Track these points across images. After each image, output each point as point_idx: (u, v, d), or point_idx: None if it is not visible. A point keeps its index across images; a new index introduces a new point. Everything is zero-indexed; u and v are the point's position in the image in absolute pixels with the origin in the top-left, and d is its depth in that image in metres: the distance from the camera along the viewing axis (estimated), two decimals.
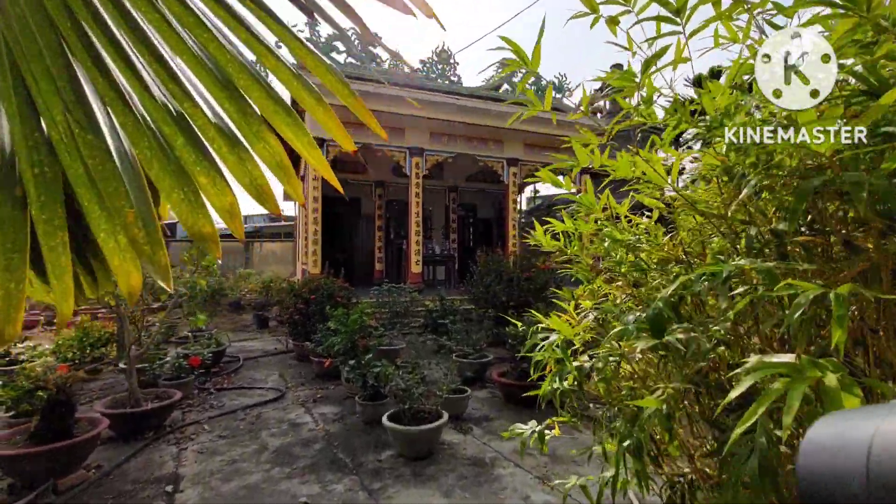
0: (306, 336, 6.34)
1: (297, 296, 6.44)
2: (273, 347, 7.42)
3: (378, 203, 13.14)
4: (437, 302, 7.15)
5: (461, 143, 9.76)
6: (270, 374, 5.84)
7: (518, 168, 10.29)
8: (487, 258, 8.07)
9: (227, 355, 6.73)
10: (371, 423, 3.94)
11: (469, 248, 15.69)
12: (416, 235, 9.28)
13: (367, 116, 0.85)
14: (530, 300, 7.36)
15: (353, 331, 4.71)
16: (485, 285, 7.63)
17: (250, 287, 13.07)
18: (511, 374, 4.57)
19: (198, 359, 4.79)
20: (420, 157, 9.33)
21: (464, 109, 9.43)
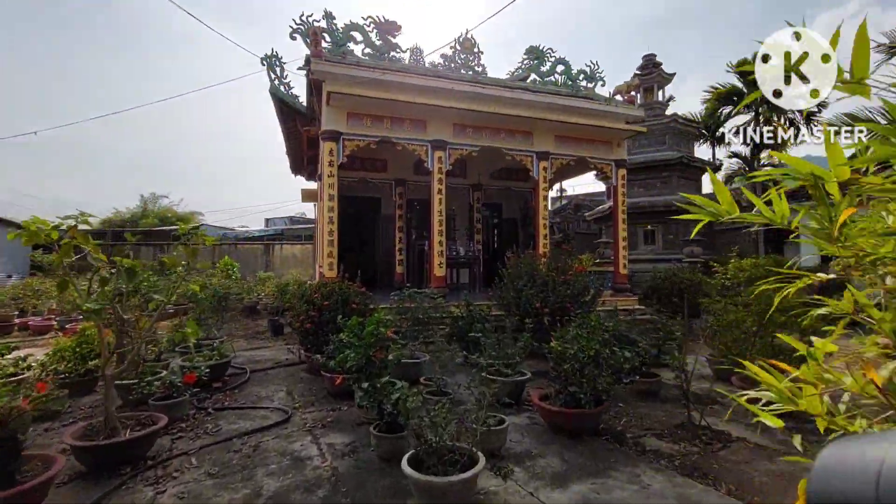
0: (319, 347, 5.70)
1: (309, 302, 5.82)
2: (285, 357, 6.82)
3: (398, 202, 12.51)
4: (464, 308, 6.41)
5: (487, 135, 9.02)
6: (278, 389, 5.22)
7: (549, 162, 9.48)
8: (518, 260, 7.31)
9: (234, 366, 6.16)
10: (388, 461, 3.24)
11: (494, 249, 14.92)
12: (438, 236, 8.58)
13: None
14: (567, 306, 6.57)
15: (369, 344, 4.02)
16: (516, 290, 6.88)
17: (267, 291, 12.62)
18: (557, 399, 3.79)
19: (193, 376, 4.19)
20: (443, 151, 8.63)
21: (490, 99, 8.69)
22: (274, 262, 22.48)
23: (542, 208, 9.50)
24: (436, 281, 8.59)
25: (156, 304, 3.78)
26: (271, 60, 9.82)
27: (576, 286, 6.72)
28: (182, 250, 3.43)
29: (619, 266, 10.07)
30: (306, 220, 30.12)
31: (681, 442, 3.76)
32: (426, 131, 8.59)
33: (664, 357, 4.77)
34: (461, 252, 11.09)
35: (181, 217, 34.34)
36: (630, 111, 10.11)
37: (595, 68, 10.76)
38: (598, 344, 3.56)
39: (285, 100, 9.99)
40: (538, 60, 10.44)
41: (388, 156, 12.01)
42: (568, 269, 6.96)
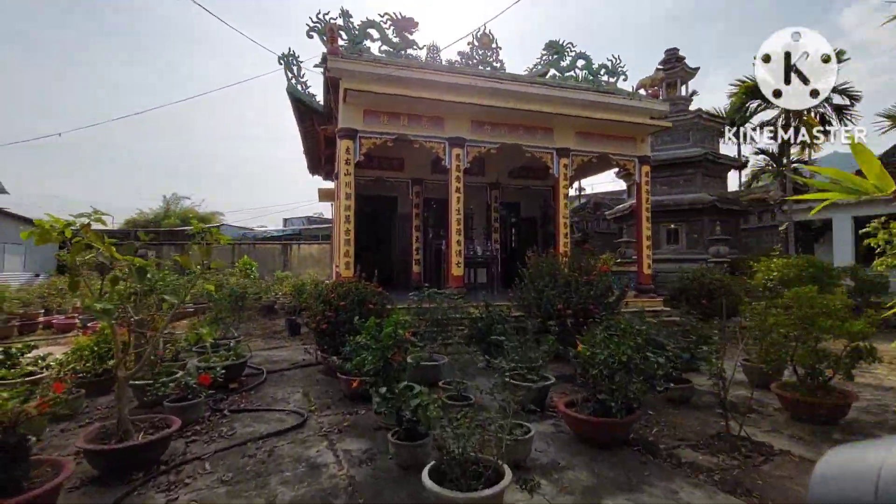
0: (335, 348, 5.59)
1: (326, 302, 5.71)
2: (301, 358, 6.73)
3: (415, 201, 12.38)
4: (483, 309, 6.22)
5: (506, 132, 8.81)
6: (294, 391, 5.12)
7: (569, 159, 9.21)
8: (539, 260, 7.09)
9: (251, 366, 6.10)
10: (407, 470, 3.08)
11: (512, 249, 14.68)
12: (456, 235, 8.41)
13: None
14: (591, 308, 6.32)
15: (386, 347, 3.88)
16: (537, 290, 6.66)
17: (284, 290, 12.63)
18: (585, 407, 3.58)
19: (208, 377, 4.11)
20: (461, 149, 8.45)
21: (509, 94, 8.48)
22: (291, 261, 22.63)
23: (563, 206, 9.24)
24: (453, 281, 8.42)
25: (169, 304, 3.70)
26: (288, 60, 9.80)
27: (599, 287, 6.47)
28: (196, 249, 3.34)
29: (642, 266, 9.74)
30: (323, 220, 30.31)
31: (719, 454, 3.51)
32: (444, 128, 8.42)
33: (697, 362, 4.50)
34: (479, 251, 10.90)
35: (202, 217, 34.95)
36: (654, 106, 9.78)
37: (617, 62, 10.44)
38: (629, 349, 3.34)
39: (302, 99, 9.95)
40: (558, 55, 10.18)
41: (405, 154, 11.90)
42: (591, 270, 6.71)
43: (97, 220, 3.21)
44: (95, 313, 2.58)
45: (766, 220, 18.63)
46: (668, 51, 18.44)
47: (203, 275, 3.58)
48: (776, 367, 4.69)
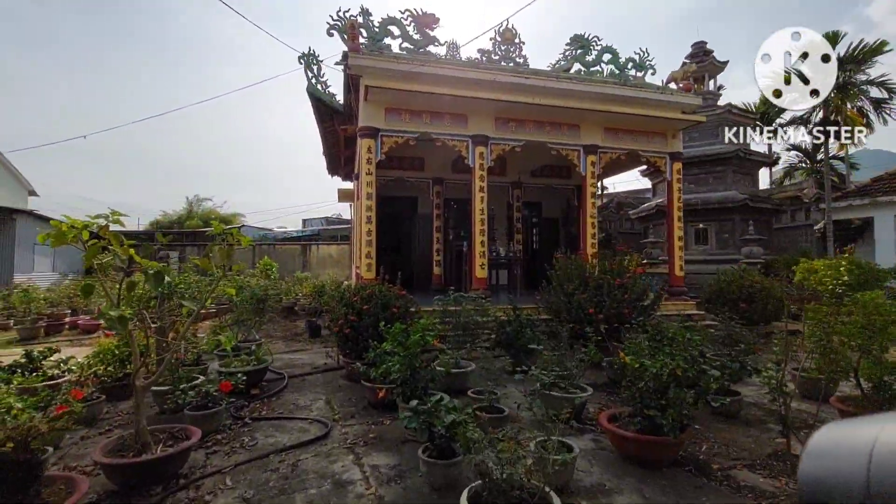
0: (358, 353, 5.40)
1: (348, 306, 5.52)
2: (322, 362, 6.57)
3: (436, 202, 12.18)
4: (511, 312, 5.96)
5: (531, 129, 8.52)
6: (317, 398, 4.94)
7: (597, 157, 8.87)
8: (568, 260, 6.79)
9: (272, 370, 5.96)
10: (440, 491, 2.84)
11: (533, 250, 14.36)
12: (480, 235, 8.15)
13: None
14: (625, 312, 6.00)
15: (414, 354, 3.66)
16: (566, 293, 6.36)
17: (304, 291, 12.57)
18: (631, 422, 3.28)
19: (229, 384, 3.95)
20: (485, 147, 8.20)
21: (534, 90, 8.19)
22: (311, 262, 22.69)
23: (590, 206, 8.90)
24: (477, 283, 8.17)
25: (188, 309, 3.55)
26: (308, 59, 9.69)
27: (634, 290, 6.14)
28: (217, 251, 3.17)
29: (674, 267, 9.32)
30: (342, 221, 30.41)
31: (780, 476, 3.18)
32: (467, 126, 8.18)
33: (747, 372, 4.16)
34: (501, 253, 10.62)
35: (224, 218, 35.51)
36: (686, 100, 9.35)
37: (644, 56, 10.04)
38: (683, 360, 3.04)
39: (322, 98, 9.84)
40: (583, 49, 9.83)
41: (426, 154, 11.71)
42: (623, 272, 6.38)
43: (115, 220, 3.07)
44: (109, 322, 2.42)
45: (799, 218, 17.87)
46: (696, 44, 17.87)
47: (224, 277, 3.42)
48: (833, 379, 4.31)
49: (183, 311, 4.07)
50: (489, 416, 3.60)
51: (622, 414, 3.55)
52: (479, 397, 4.03)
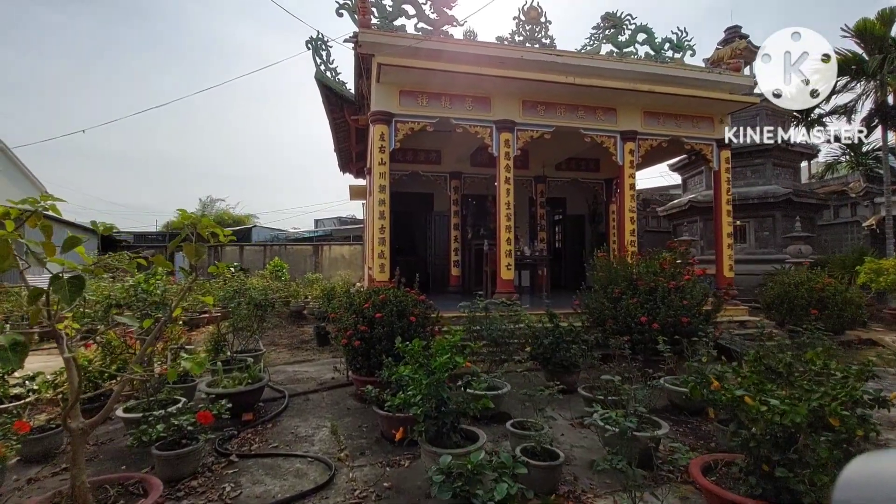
0: (370, 369, 4.59)
1: (358, 313, 4.72)
2: (330, 376, 5.78)
3: (453, 198, 11.34)
4: (546, 320, 5.08)
5: (562, 113, 7.63)
6: (320, 424, 4.13)
7: (636, 144, 7.94)
8: (610, 260, 5.89)
9: (271, 386, 5.20)
10: None
11: (556, 249, 13.44)
12: (506, 233, 7.28)
13: None
14: (682, 321, 5.08)
15: (440, 381, 2.82)
16: (610, 298, 5.46)
17: (314, 294, 11.85)
18: (745, 484, 2.37)
19: (208, 414, 3.16)
20: (510, 133, 7.33)
21: (567, 69, 7.30)
22: (322, 263, 22.06)
23: (629, 199, 7.95)
24: (502, 285, 7.31)
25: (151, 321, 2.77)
26: (316, 43, 8.94)
27: (694, 294, 5.22)
28: (186, 250, 2.38)
29: (723, 268, 8.32)
30: (354, 221, 29.79)
31: None
32: (490, 110, 7.33)
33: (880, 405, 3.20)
34: (526, 252, 9.72)
35: (237, 219, 35.30)
36: (736, 80, 8.37)
37: (682, 36, 9.08)
38: (834, 400, 2.14)
39: (332, 86, 9.08)
40: (615, 29, 8.90)
41: (443, 146, 10.89)
42: (679, 273, 5.45)
43: (50, 208, 2.34)
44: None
45: (843, 215, 16.59)
46: (729, 29, 16.71)
47: (195, 282, 2.63)
48: None
49: (145, 324, 3.29)
50: (540, 464, 2.73)
51: (718, 463, 2.66)
52: (524, 433, 3.16)
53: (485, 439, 2.91)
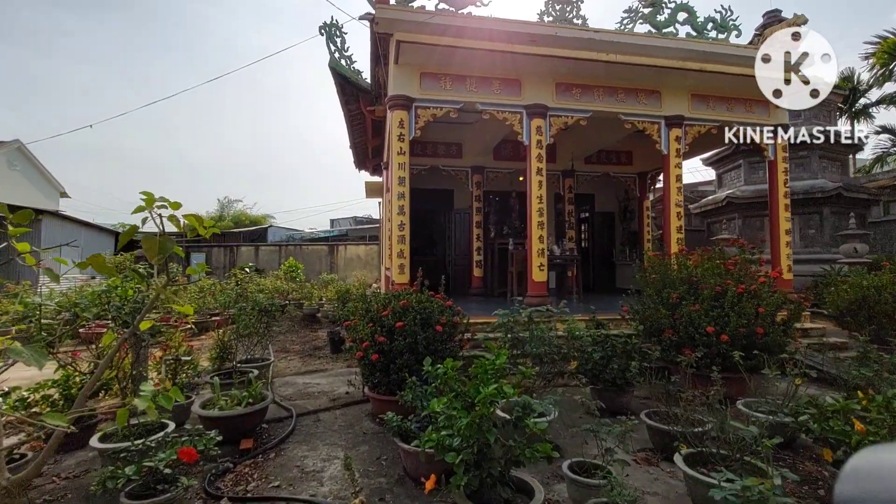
0: (389, 387, 3.93)
1: (375, 321, 4.06)
2: (344, 390, 5.15)
3: (475, 194, 10.64)
4: (593, 329, 4.35)
5: (600, 96, 6.87)
6: (331, 455, 3.48)
7: (682, 130, 7.13)
8: (666, 260, 5.13)
9: (277, 402, 4.59)
10: None
11: (583, 249, 12.62)
12: (538, 230, 6.55)
13: None
14: (757, 332, 4.29)
15: (485, 419, 2.13)
16: (667, 304, 4.69)
17: (328, 295, 11.30)
18: None
19: (192, 452, 2.53)
20: (542, 119, 6.61)
21: (606, 45, 6.53)
22: (338, 263, 21.59)
23: (675, 192, 7.15)
24: (533, 287, 6.58)
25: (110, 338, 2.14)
26: (330, 30, 8.36)
27: (771, 301, 4.42)
28: (146, 245, 1.75)
29: (781, 269, 7.43)
30: (371, 221, 29.33)
31: None
32: (521, 94, 6.61)
33: None
34: (555, 252, 8.96)
35: (254, 219, 35.25)
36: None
37: (727, 15, 8.22)
38: None
39: (346, 75, 8.48)
40: (653, 7, 8.09)
41: (464, 138, 10.21)
42: (749, 276, 4.66)
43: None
44: None
45: (894, 211, 15.38)
46: (769, 13, 15.62)
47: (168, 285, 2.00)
48: None
49: (104, 340, 2.70)
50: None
51: None
52: (589, 483, 2.45)
53: (542, 496, 2.21)
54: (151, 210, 1.84)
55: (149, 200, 1.83)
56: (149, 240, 1.76)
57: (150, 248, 1.76)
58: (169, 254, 1.78)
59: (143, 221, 1.86)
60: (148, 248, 1.76)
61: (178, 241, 1.96)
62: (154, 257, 1.77)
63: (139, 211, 1.83)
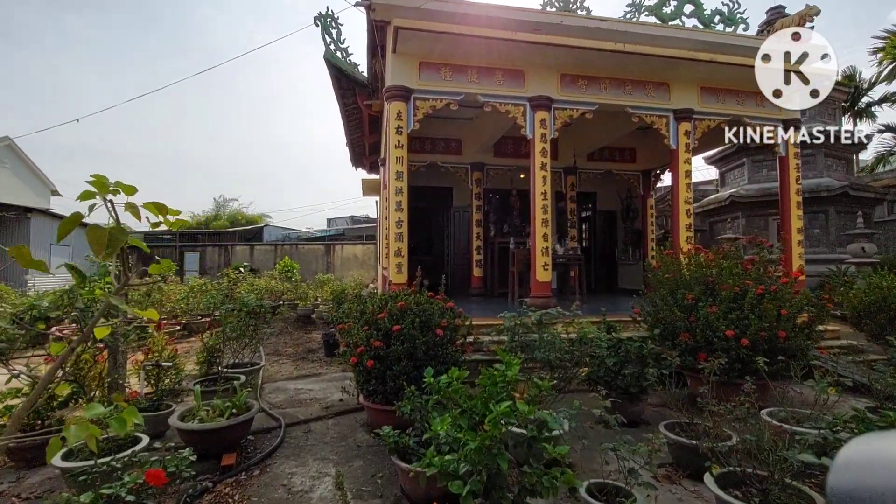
0: (385, 396, 3.63)
1: (371, 325, 3.76)
2: (337, 397, 4.85)
3: (475, 191, 10.35)
4: (604, 332, 4.06)
5: (606, 88, 6.59)
6: (322, 471, 3.18)
7: (691, 124, 6.85)
8: (681, 259, 4.85)
9: (266, 410, 4.28)
10: None
11: (582, 248, 12.34)
12: (542, 227, 6.26)
13: None
14: (780, 336, 4.01)
15: (496, 441, 1.83)
16: (682, 306, 4.41)
17: (324, 296, 10.98)
18: None
19: (161, 474, 2.23)
20: (547, 112, 6.32)
21: (614, 34, 6.24)
22: (334, 262, 21.26)
23: (684, 188, 6.88)
24: (537, 288, 6.29)
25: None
26: (326, 20, 8.05)
27: (794, 303, 4.14)
28: (91, 236, 1.45)
29: (792, 270, 7.16)
30: (367, 220, 29.01)
31: None
32: (524, 85, 6.32)
33: None
34: (558, 251, 8.67)
35: (250, 219, 34.82)
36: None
37: (734, 7, 7.97)
38: None
39: (342, 67, 8.17)
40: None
41: (464, 134, 9.92)
42: (768, 276, 4.38)
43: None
44: None
45: None
46: (772, 10, 15.41)
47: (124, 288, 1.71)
48: None
49: (52, 349, 2.40)
50: None
51: None
52: None
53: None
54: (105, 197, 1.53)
55: (98, 184, 1.52)
56: (95, 230, 1.46)
57: (96, 240, 1.45)
58: (120, 248, 1.48)
59: (90, 209, 1.56)
60: (93, 240, 1.45)
61: (169, 239, 1.64)
62: (101, 252, 1.46)
63: (86, 197, 1.53)
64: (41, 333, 3.88)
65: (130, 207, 1.62)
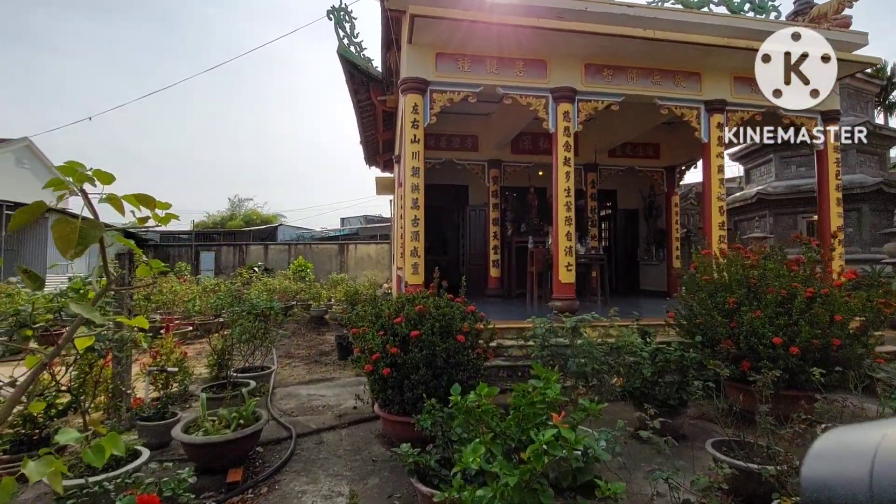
0: (402, 406, 3.37)
1: (387, 330, 3.51)
2: (351, 404, 4.60)
3: (492, 189, 10.04)
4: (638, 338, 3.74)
5: (633, 78, 6.24)
6: (334, 490, 2.93)
7: (724, 116, 6.46)
8: (719, 259, 4.50)
9: (276, 418, 4.06)
10: None
11: (604, 248, 11.94)
12: (565, 226, 5.94)
13: None
14: (833, 344, 3.65)
15: (536, 477, 1.54)
16: (722, 310, 4.07)
17: (337, 296, 10.80)
18: None
19: (155, 500, 1.99)
20: (570, 104, 5.99)
21: (639, 23, 5.90)
22: (348, 262, 21.15)
23: (717, 184, 6.49)
24: (560, 289, 5.97)
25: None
26: (339, 14, 7.85)
27: (848, 308, 3.77)
28: (57, 231, 1.22)
29: (831, 271, 6.72)
30: (381, 219, 28.88)
31: None
32: (546, 76, 6.01)
33: None
34: (579, 251, 8.32)
35: (265, 219, 35.02)
36: (847, 37, 6.75)
37: None
38: None
39: (356, 62, 7.95)
40: None
41: (480, 130, 9.63)
42: (825, 280, 4.01)
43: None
44: None
45: None
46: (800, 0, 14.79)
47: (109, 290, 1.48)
48: None
49: (28, 363, 2.20)
50: None
51: None
52: None
53: None
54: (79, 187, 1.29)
55: (69, 170, 1.28)
56: (62, 224, 1.21)
57: (62, 236, 1.20)
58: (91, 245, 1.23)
59: (59, 199, 1.32)
60: (60, 236, 1.21)
61: (186, 239, 1.39)
62: (69, 250, 1.21)
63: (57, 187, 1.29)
64: (42, 336, 3.71)
65: (112, 199, 1.36)
